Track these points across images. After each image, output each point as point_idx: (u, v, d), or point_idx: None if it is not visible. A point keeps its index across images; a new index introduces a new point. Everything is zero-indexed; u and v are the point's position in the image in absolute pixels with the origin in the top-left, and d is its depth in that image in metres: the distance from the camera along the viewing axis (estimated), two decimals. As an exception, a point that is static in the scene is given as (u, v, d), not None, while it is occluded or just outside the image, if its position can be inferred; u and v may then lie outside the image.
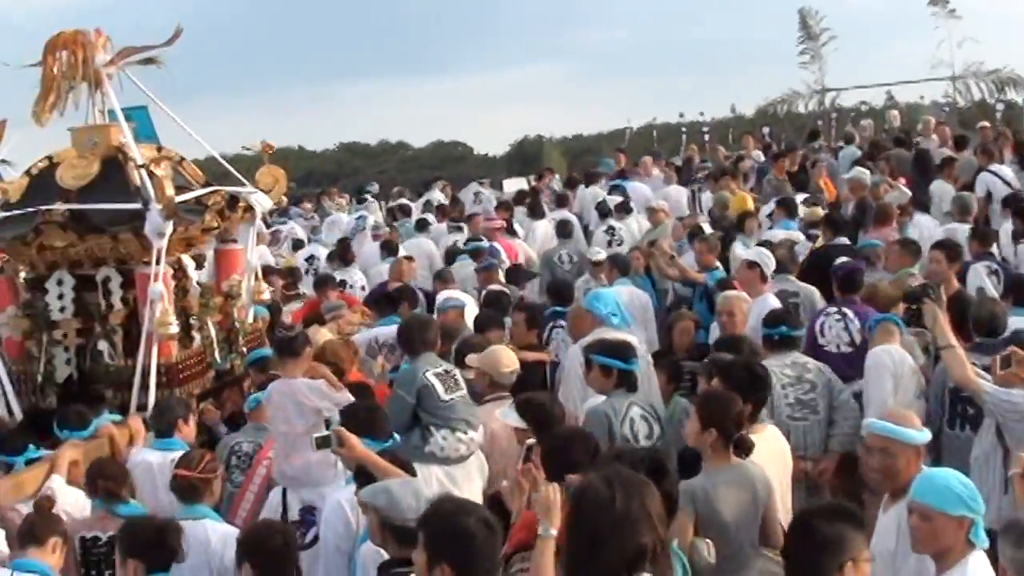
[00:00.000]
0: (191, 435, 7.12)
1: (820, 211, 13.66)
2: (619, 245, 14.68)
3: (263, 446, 7.18)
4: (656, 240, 12.76)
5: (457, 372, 7.16)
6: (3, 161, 13.02)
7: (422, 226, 17.27)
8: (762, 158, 20.67)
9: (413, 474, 5.52)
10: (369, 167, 59.04)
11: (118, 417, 7.45)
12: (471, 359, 7.64)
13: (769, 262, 9.61)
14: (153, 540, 5.24)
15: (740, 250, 11.22)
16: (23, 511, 5.95)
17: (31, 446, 6.82)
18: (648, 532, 3.68)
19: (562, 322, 9.69)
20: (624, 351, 6.93)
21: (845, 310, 8.73)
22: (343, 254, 15.31)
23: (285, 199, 9.69)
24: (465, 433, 6.87)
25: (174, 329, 7.68)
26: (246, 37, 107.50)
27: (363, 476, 5.37)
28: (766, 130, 27.84)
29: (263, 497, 6.85)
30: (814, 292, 10.07)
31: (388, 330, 9.26)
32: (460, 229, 17.01)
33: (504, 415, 6.36)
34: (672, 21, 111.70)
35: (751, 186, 17.82)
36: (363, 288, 13.58)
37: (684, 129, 33.90)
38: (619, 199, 16.64)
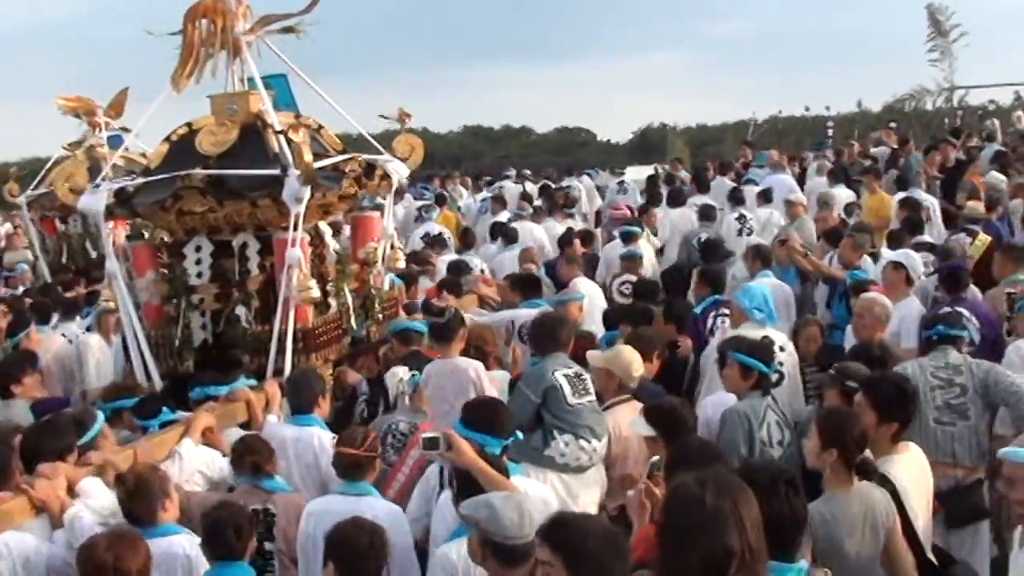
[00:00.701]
0: (326, 410, 7.09)
1: (982, 207, 13.29)
2: (749, 234, 14.57)
3: (419, 427, 6.99)
4: (787, 236, 12.37)
5: (588, 376, 6.88)
6: (124, 128, 13.37)
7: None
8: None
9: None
10: (492, 151, 59.37)
11: (254, 382, 7.49)
12: (594, 357, 7.29)
13: (916, 264, 9.33)
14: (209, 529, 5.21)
15: (886, 251, 10.97)
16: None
17: (165, 409, 6.91)
18: (737, 536, 3.44)
19: (725, 310, 9.26)
20: (766, 352, 6.71)
21: (959, 309, 8.45)
22: (463, 237, 15.41)
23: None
24: (589, 442, 6.60)
25: (315, 293, 7.66)
26: (375, 17, 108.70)
27: (467, 484, 5.09)
28: (893, 126, 27.18)
29: (415, 478, 6.60)
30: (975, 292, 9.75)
31: (529, 312, 9.20)
32: (572, 216, 17.19)
33: (635, 426, 6.06)
34: (801, 14, 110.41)
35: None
36: (482, 271, 13.47)
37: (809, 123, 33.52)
38: (759, 188, 16.64)
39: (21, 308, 11.36)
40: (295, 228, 7.55)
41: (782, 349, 7.94)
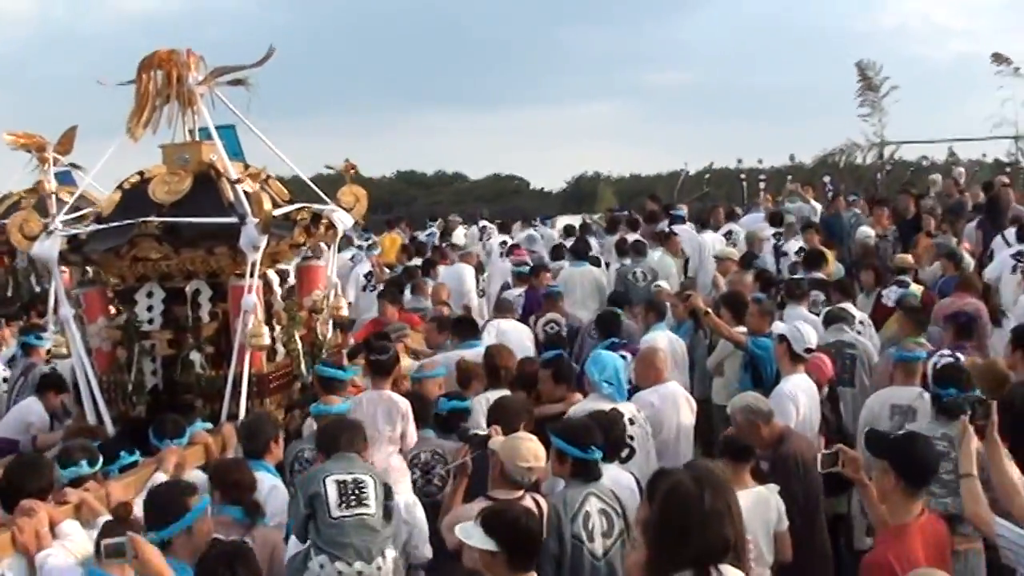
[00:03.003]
0: (279, 454, 7.17)
1: (910, 258, 13.41)
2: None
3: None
4: (691, 292, 11.76)
5: (370, 484, 5.79)
6: (73, 165, 13.42)
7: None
8: (818, 208, 20.51)
9: None
10: (424, 197, 59.54)
11: (210, 426, 7.60)
12: (494, 442, 6.28)
13: (801, 339, 8.49)
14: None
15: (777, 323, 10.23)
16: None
17: (123, 453, 6.95)
18: (730, 526, 3.93)
19: (623, 352, 8.89)
20: (585, 437, 5.94)
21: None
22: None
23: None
24: (349, 564, 5.55)
25: (266, 340, 7.82)
26: (307, 63, 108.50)
27: None
28: (827, 179, 27.48)
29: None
30: (870, 347, 9.97)
31: (472, 352, 9.49)
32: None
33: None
34: (737, 68, 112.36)
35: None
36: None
37: (742, 176, 33.76)
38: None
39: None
40: (251, 275, 7.74)
41: (632, 422, 7.71)
